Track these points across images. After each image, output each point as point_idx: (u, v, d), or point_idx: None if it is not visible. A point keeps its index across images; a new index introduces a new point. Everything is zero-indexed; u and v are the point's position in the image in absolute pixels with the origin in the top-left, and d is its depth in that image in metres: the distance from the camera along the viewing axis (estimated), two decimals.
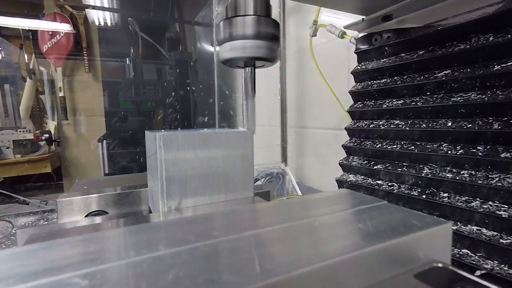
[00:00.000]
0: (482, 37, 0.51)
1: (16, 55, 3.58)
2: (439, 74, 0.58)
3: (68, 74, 3.56)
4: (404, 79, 0.65)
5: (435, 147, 0.56)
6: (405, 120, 0.64)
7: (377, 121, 0.70)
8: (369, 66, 0.74)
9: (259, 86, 2.08)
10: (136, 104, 2.89)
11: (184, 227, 0.30)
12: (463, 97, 0.53)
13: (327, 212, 0.33)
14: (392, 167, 0.64)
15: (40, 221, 1.27)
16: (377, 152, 0.69)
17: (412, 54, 0.63)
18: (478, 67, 0.51)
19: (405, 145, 0.62)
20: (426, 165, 0.58)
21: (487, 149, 0.49)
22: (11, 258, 0.24)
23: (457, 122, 0.54)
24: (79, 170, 3.50)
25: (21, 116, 3.35)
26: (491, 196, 0.47)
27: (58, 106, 3.53)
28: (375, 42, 0.72)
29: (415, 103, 0.61)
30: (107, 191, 0.60)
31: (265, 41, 0.39)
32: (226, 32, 0.38)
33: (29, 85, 3.36)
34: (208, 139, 0.48)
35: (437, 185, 0.55)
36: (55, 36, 3.38)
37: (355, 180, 0.71)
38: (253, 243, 0.26)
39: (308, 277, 0.22)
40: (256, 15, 0.38)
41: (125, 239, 0.28)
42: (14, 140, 3.18)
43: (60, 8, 3.44)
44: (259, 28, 0.39)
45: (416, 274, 0.25)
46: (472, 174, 0.50)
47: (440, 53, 0.57)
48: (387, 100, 0.69)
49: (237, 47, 0.38)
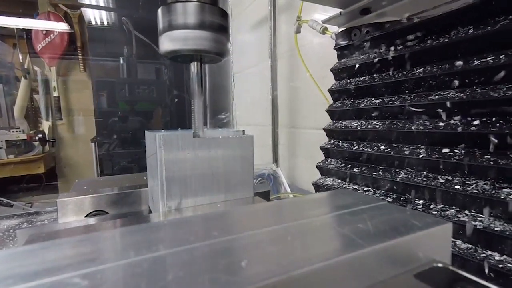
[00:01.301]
0: (461, 30, 0.47)
1: (9, 54, 3.55)
2: (417, 70, 0.53)
3: (63, 73, 3.53)
4: (383, 77, 0.61)
5: (411, 150, 0.52)
6: (382, 121, 0.59)
7: (355, 122, 0.66)
8: (348, 63, 0.69)
9: (253, 85, 2.05)
10: (130, 104, 2.85)
11: (184, 227, 0.30)
12: (441, 95, 0.48)
13: (327, 212, 0.33)
14: (368, 171, 0.59)
15: (24, 224, 1.23)
16: (354, 155, 0.64)
17: (390, 50, 0.59)
18: (456, 63, 0.47)
19: (382, 148, 0.58)
20: (403, 169, 0.54)
21: (464, 152, 0.44)
22: (11, 258, 0.24)
23: (434, 123, 0.49)
24: (74, 171, 3.47)
25: (16, 116, 3.32)
26: (467, 204, 0.42)
27: (52, 106, 3.50)
28: (354, 37, 0.68)
29: (393, 102, 0.57)
30: (107, 191, 0.60)
31: (211, 32, 0.35)
32: (165, 21, 0.34)
33: (23, 85, 3.34)
34: (208, 140, 0.48)
35: (413, 191, 0.50)
36: (49, 35, 3.35)
37: (331, 184, 0.66)
38: (253, 243, 0.26)
39: (308, 277, 0.22)
40: (200, 1, 0.34)
41: (125, 239, 0.28)
42: (7, 140, 3.15)
43: (54, 7, 3.41)
44: (204, 17, 0.34)
45: (416, 274, 0.25)
46: (448, 179, 0.46)
47: (418, 48, 0.53)
48: (365, 99, 0.64)
49: (178, 38, 0.34)
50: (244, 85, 2.05)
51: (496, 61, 0.41)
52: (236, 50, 2.12)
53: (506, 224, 0.38)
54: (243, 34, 2.02)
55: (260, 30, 1.76)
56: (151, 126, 2.93)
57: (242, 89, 2.08)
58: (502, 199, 0.38)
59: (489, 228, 0.39)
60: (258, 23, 1.81)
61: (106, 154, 2.59)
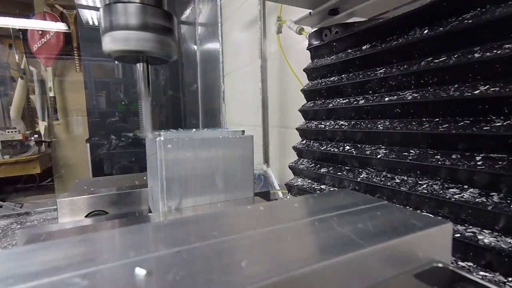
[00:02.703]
0: (418, 31, 0.47)
1: (5, 55, 3.55)
2: (379, 71, 0.53)
3: (59, 74, 3.54)
4: (350, 77, 0.61)
5: (372, 150, 0.52)
6: (348, 121, 0.59)
7: (324, 122, 0.66)
8: (319, 63, 0.69)
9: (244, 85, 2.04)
10: (125, 104, 2.85)
11: (184, 227, 0.30)
12: (399, 95, 0.49)
13: (327, 212, 0.33)
14: (334, 171, 0.59)
15: (13, 224, 1.23)
16: (323, 155, 0.64)
17: (357, 50, 0.59)
18: (414, 63, 0.47)
19: (347, 148, 0.58)
20: (365, 169, 0.54)
21: (418, 152, 0.44)
22: (11, 258, 0.24)
23: (392, 123, 0.49)
24: (70, 171, 3.47)
25: (12, 116, 3.32)
26: (419, 204, 0.42)
27: (49, 106, 3.51)
28: (325, 37, 0.68)
29: (357, 102, 0.57)
30: (107, 191, 0.61)
31: (154, 34, 0.35)
32: (107, 21, 0.34)
33: (20, 85, 3.33)
34: (208, 140, 0.48)
35: (372, 190, 0.50)
36: (45, 35, 3.35)
37: (302, 185, 0.67)
38: (253, 243, 0.26)
39: (308, 277, 0.22)
40: (143, 3, 0.34)
41: (125, 239, 0.28)
42: (3, 140, 3.14)
43: (51, 7, 3.42)
44: (146, 18, 0.35)
45: (416, 274, 0.26)
46: (404, 179, 0.46)
47: (380, 49, 0.53)
48: (334, 100, 0.64)
49: (119, 39, 0.34)
50: (236, 85, 2.05)
51: (447, 62, 0.41)
52: (228, 51, 2.12)
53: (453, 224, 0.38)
54: (234, 35, 2.02)
55: (251, 30, 1.76)
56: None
57: (235, 90, 2.08)
58: (447, 199, 0.38)
59: None
60: (249, 24, 1.81)
61: (103, 154, 2.58)
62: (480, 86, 0.37)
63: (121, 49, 0.35)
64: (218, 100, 2.19)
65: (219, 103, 2.18)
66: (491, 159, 0.36)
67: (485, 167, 0.35)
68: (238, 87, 2.01)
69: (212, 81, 2.26)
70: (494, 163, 0.35)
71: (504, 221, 0.33)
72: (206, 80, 2.45)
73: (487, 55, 0.36)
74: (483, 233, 0.35)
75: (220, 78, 2.14)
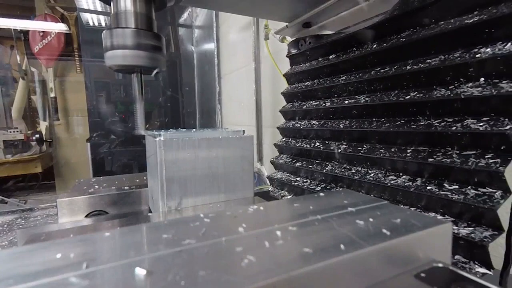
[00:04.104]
0: (370, 45, 0.56)
1: (6, 56, 3.61)
2: (342, 77, 0.62)
3: (60, 74, 3.60)
4: (320, 82, 0.69)
5: (336, 146, 0.61)
6: (319, 121, 0.68)
7: (301, 121, 0.75)
8: (296, 69, 0.78)
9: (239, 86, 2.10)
10: (125, 104, 2.91)
11: (184, 227, 0.30)
12: (356, 99, 0.57)
13: (327, 211, 0.33)
14: (307, 165, 0.68)
15: (18, 220, 1.31)
16: (299, 151, 0.73)
17: (325, 59, 0.68)
18: (366, 72, 0.56)
19: (317, 144, 0.67)
20: (330, 162, 0.62)
21: (368, 147, 0.53)
22: (11, 258, 0.24)
23: (351, 123, 0.58)
24: (71, 170, 3.54)
25: (14, 117, 3.38)
26: (370, 190, 0.51)
27: (49, 106, 3.57)
28: (301, 47, 0.77)
29: (325, 104, 0.66)
30: (107, 191, 0.61)
31: (146, 52, 0.44)
32: (108, 42, 0.43)
33: (21, 86, 3.39)
34: (208, 140, 0.48)
35: (336, 180, 0.59)
36: (46, 37, 3.42)
37: (281, 177, 0.75)
38: (253, 242, 0.26)
39: (308, 277, 0.22)
40: (137, 28, 0.43)
41: (125, 239, 0.28)
42: (5, 140, 3.19)
43: (51, 9, 3.49)
44: (139, 40, 0.43)
45: (416, 274, 0.26)
46: (358, 170, 0.55)
47: (342, 59, 0.61)
48: (308, 102, 0.73)
49: (119, 56, 0.43)
50: (231, 86, 2.13)
51: (388, 72, 0.50)
52: (224, 53, 2.20)
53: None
54: (230, 38, 2.10)
55: (245, 34, 1.83)
56: (147, 127, 2.99)
57: (230, 91, 2.15)
58: (386, 184, 0.47)
59: None
60: (244, 28, 1.88)
61: (101, 153, 2.66)
62: (411, 93, 0.46)
63: (120, 64, 0.44)
64: (214, 101, 2.27)
65: (215, 103, 2.26)
66: (417, 151, 0.44)
67: (412, 157, 0.44)
68: (233, 88, 2.09)
69: (208, 82, 2.34)
70: (418, 154, 0.44)
71: (424, 200, 0.42)
72: (203, 81, 2.53)
73: (415, 68, 0.45)
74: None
75: (215, 79, 2.23)
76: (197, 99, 2.64)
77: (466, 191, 0.36)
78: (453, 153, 0.39)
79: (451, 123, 0.40)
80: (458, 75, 0.41)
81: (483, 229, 0.34)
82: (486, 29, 0.38)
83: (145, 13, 0.44)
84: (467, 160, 0.37)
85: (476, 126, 0.37)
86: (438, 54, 0.44)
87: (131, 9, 0.43)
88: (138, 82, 0.47)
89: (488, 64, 0.37)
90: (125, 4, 0.43)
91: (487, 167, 0.34)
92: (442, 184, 0.40)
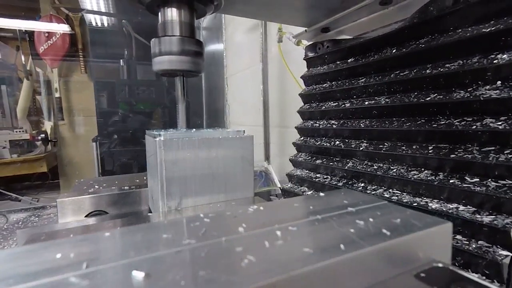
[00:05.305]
0: (389, 50, 0.60)
1: (12, 56, 3.64)
2: (361, 80, 0.66)
3: (64, 75, 3.63)
4: (338, 84, 0.74)
5: (356, 144, 0.65)
6: (338, 120, 0.72)
7: (319, 121, 0.79)
8: (314, 72, 0.82)
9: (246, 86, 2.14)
10: (130, 104, 2.94)
11: (184, 227, 0.30)
12: (376, 100, 0.62)
13: (327, 211, 0.33)
14: (327, 162, 0.72)
15: (31, 217, 1.34)
16: (318, 149, 0.77)
17: (344, 62, 0.72)
18: (385, 75, 0.60)
19: (337, 143, 0.71)
20: (351, 160, 0.67)
21: (390, 145, 0.57)
22: (11, 258, 0.24)
23: (371, 122, 0.62)
24: (75, 170, 3.57)
25: (19, 116, 3.41)
26: (393, 184, 0.55)
27: (54, 106, 3.60)
28: (319, 50, 0.81)
29: (344, 105, 0.70)
30: (108, 191, 0.61)
31: (189, 57, 0.48)
32: (156, 49, 0.47)
33: (26, 86, 3.42)
34: (208, 140, 0.48)
35: (357, 176, 0.63)
36: (51, 37, 3.45)
37: (301, 174, 0.80)
38: (253, 242, 0.26)
39: (308, 277, 0.22)
40: (182, 36, 0.47)
41: (125, 239, 0.28)
42: (11, 140, 3.22)
43: (56, 10, 3.52)
44: (184, 46, 0.47)
45: (416, 274, 0.26)
46: (380, 166, 0.59)
47: (361, 62, 0.66)
48: (326, 103, 0.77)
49: (165, 61, 0.47)
50: (238, 86, 2.16)
51: (408, 75, 0.54)
52: (231, 54, 2.24)
53: (412, 198, 0.51)
54: (237, 39, 2.14)
55: (253, 35, 1.86)
56: (151, 126, 3.03)
57: (237, 91, 2.19)
58: (409, 179, 0.51)
59: (401, 201, 0.52)
60: (251, 29, 1.91)
61: (107, 152, 2.70)
62: (431, 94, 0.50)
63: (166, 69, 0.48)
64: (222, 101, 2.31)
65: (223, 103, 2.30)
66: (438, 148, 0.49)
67: (434, 154, 0.48)
68: (240, 89, 2.13)
69: (216, 82, 2.38)
70: (439, 151, 0.48)
71: (447, 192, 0.46)
72: (210, 81, 2.57)
73: (434, 72, 0.49)
74: (433, 202, 0.48)
75: (223, 79, 2.27)
76: (204, 100, 2.67)
77: (487, 183, 0.41)
78: (473, 149, 0.43)
79: (470, 122, 0.44)
80: (476, 79, 0.45)
81: (504, 217, 0.38)
82: (502, 37, 0.42)
83: (188, 22, 0.48)
84: (487, 156, 0.41)
85: (495, 125, 0.41)
86: (457, 59, 0.48)
87: (176, 19, 0.47)
88: (180, 85, 0.51)
89: (505, 69, 0.41)
90: (171, 14, 0.47)
91: (506, 162, 0.38)
92: (464, 178, 0.44)
